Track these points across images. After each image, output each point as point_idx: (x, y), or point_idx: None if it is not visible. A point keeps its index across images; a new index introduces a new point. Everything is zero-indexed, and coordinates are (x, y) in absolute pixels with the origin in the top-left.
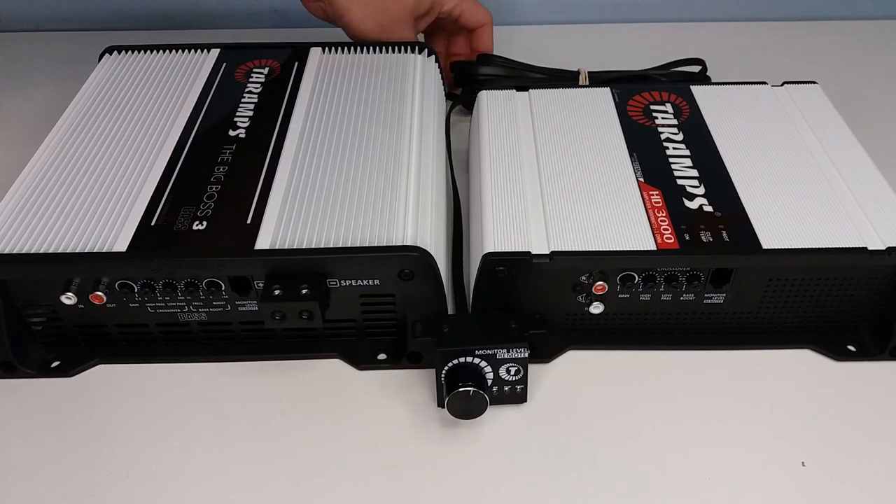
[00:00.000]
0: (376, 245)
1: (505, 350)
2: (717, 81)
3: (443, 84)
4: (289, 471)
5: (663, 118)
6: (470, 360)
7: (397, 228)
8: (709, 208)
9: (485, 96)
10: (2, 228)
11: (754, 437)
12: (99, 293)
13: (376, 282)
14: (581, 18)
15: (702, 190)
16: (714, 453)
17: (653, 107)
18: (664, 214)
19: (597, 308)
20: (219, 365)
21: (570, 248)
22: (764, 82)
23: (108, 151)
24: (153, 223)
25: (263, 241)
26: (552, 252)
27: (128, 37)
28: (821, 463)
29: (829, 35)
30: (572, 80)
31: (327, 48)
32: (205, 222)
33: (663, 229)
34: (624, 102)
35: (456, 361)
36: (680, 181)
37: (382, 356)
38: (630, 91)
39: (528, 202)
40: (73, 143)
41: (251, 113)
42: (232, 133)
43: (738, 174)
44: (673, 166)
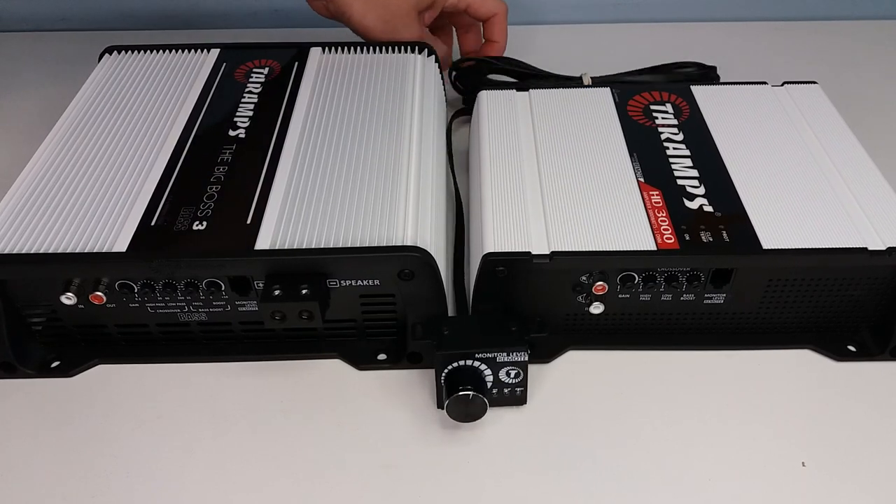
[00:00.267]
0: (376, 245)
1: (505, 353)
2: (717, 81)
3: (443, 84)
4: (289, 471)
5: (663, 118)
6: (470, 363)
7: (397, 228)
8: (709, 208)
9: (485, 96)
10: (2, 228)
11: (754, 437)
12: (99, 293)
13: (376, 282)
14: (581, 18)
15: (702, 190)
16: (714, 453)
17: (653, 107)
18: (664, 214)
19: (597, 308)
20: (219, 365)
21: (570, 248)
22: (764, 82)
23: (108, 151)
24: (153, 223)
25: (263, 242)
26: (552, 252)
27: (128, 37)
28: (821, 463)
29: (829, 35)
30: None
31: (327, 48)
32: (205, 222)
33: (663, 229)
34: (624, 102)
35: (456, 364)
36: (680, 181)
37: (382, 356)
38: (630, 91)
39: (528, 202)
40: (73, 143)
41: (251, 113)
42: (232, 133)
43: (738, 174)
44: (673, 166)
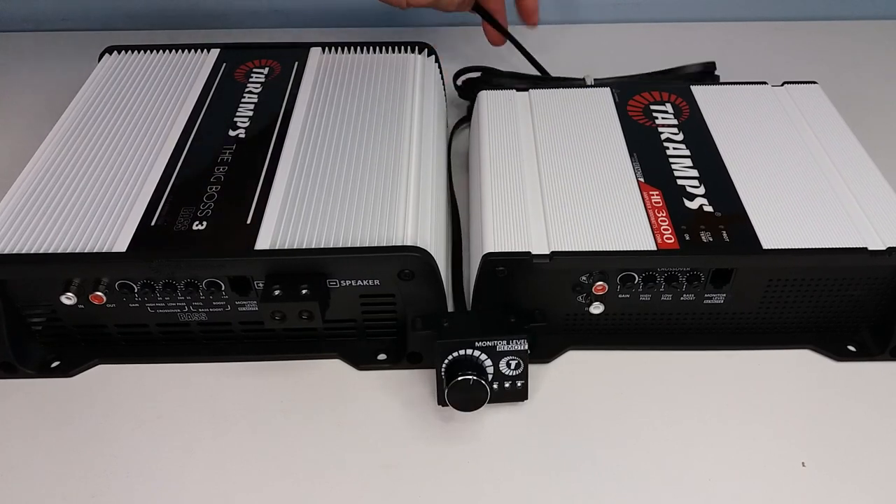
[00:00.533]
0: (376, 245)
1: (505, 342)
2: (717, 81)
3: (443, 84)
4: (289, 471)
5: (663, 118)
6: (470, 352)
7: (397, 229)
8: (709, 208)
9: (485, 96)
10: (2, 228)
11: (754, 437)
12: (99, 293)
13: (376, 282)
14: (581, 18)
15: (702, 190)
16: (714, 453)
17: (653, 107)
18: (664, 214)
19: (597, 308)
20: (219, 365)
21: (570, 249)
22: (764, 82)
23: (108, 151)
24: (153, 223)
25: (263, 242)
26: (552, 252)
27: (128, 37)
28: (821, 463)
29: (829, 35)
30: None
31: (327, 48)
32: (205, 222)
33: (663, 229)
34: (624, 102)
35: (456, 354)
36: (680, 181)
37: (382, 356)
38: (630, 91)
39: (528, 202)
40: (73, 143)
41: (251, 113)
42: (232, 133)
43: (738, 174)
44: (673, 166)
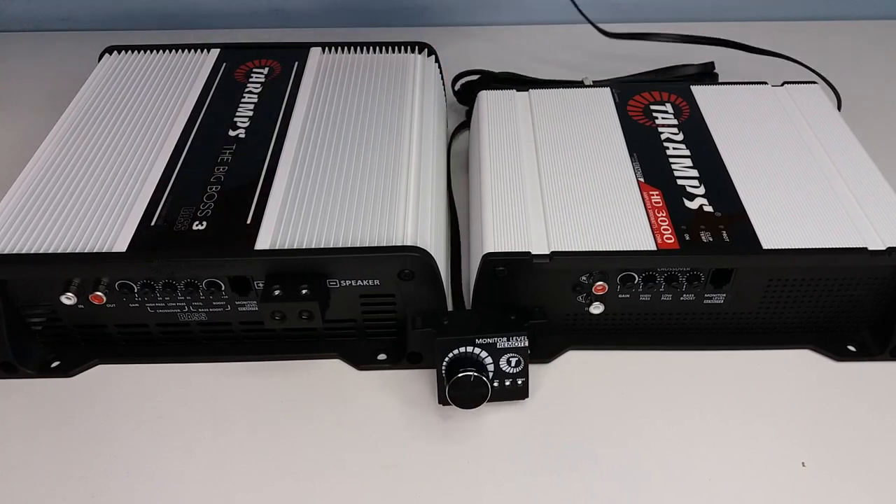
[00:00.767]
0: (376, 245)
1: (505, 338)
2: (717, 81)
3: (443, 84)
4: (289, 471)
5: (663, 118)
6: (470, 349)
7: (397, 229)
8: (709, 208)
9: (485, 96)
10: (2, 228)
11: (755, 437)
12: (99, 293)
13: (376, 282)
14: (581, 18)
15: (702, 190)
16: (714, 453)
17: (653, 107)
18: (664, 214)
19: (597, 308)
20: (219, 365)
21: (570, 249)
22: (764, 82)
23: (108, 151)
24: (153, 223)
25: (263, 242)
26: (552, 252)
27: (128, 37)
28: (821, 463)
29: (829, 35)
30: None
31: (327, 48)
32: (205, 222)
33: (663, 229)
34: (624, 102)
35: (456, 351)
36: (680, 181)
37: (382, 356)
38: (630, 91)
39: (528, 202)
40: (73, 143)
41: (251, 113)
42: (232, 133)
43: (738, 174)
44: (673, 166)
